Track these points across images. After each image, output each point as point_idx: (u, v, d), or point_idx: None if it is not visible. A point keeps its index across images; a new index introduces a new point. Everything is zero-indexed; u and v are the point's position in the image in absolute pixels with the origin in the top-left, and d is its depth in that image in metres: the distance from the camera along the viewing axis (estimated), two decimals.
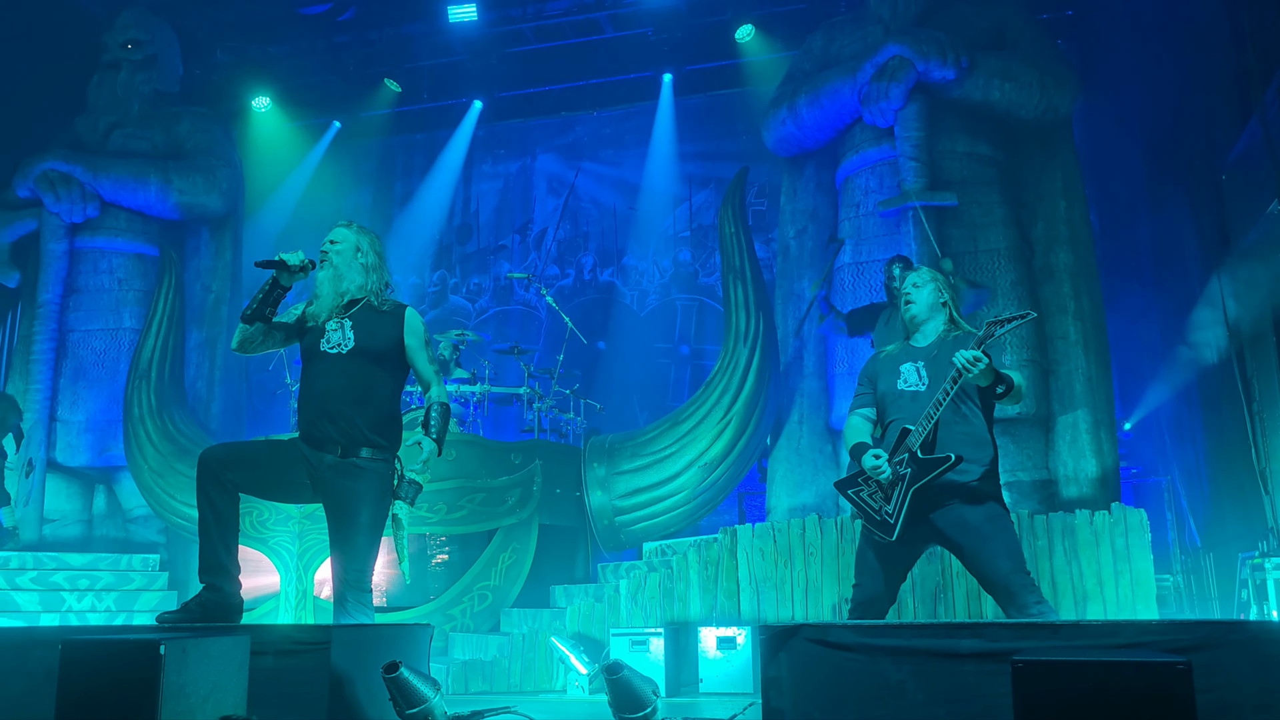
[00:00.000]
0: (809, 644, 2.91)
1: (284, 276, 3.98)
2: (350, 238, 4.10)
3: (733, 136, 10.98)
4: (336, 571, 3.92)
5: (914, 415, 3.79)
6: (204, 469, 3.89)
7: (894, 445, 3.79)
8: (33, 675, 3.39)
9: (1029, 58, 7.90)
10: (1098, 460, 7.29)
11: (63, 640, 2.87)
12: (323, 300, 4.03)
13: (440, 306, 12.06)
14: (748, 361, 7.80)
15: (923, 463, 3.69)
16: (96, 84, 10.14)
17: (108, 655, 2.78)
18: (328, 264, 4.04)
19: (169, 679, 2.71)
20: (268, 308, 4.00)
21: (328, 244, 4.10)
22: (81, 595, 8.22)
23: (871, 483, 3.83)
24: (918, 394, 3.83)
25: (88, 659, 2.80)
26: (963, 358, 3.61)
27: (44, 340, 9.24)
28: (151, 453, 8.44)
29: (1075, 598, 6.10)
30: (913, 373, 3.89)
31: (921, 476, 3.69)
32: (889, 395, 3.94)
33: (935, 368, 3.84)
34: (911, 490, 3.69)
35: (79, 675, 2.78)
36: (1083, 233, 7.94)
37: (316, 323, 4.03)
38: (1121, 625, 2.73)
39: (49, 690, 2.88)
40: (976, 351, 3.62)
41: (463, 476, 7.31)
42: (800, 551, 6.57)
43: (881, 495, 3.79)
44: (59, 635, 3.10)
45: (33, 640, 3.58)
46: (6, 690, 3.49)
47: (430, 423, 4.02)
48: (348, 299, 4.04)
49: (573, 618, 6.78)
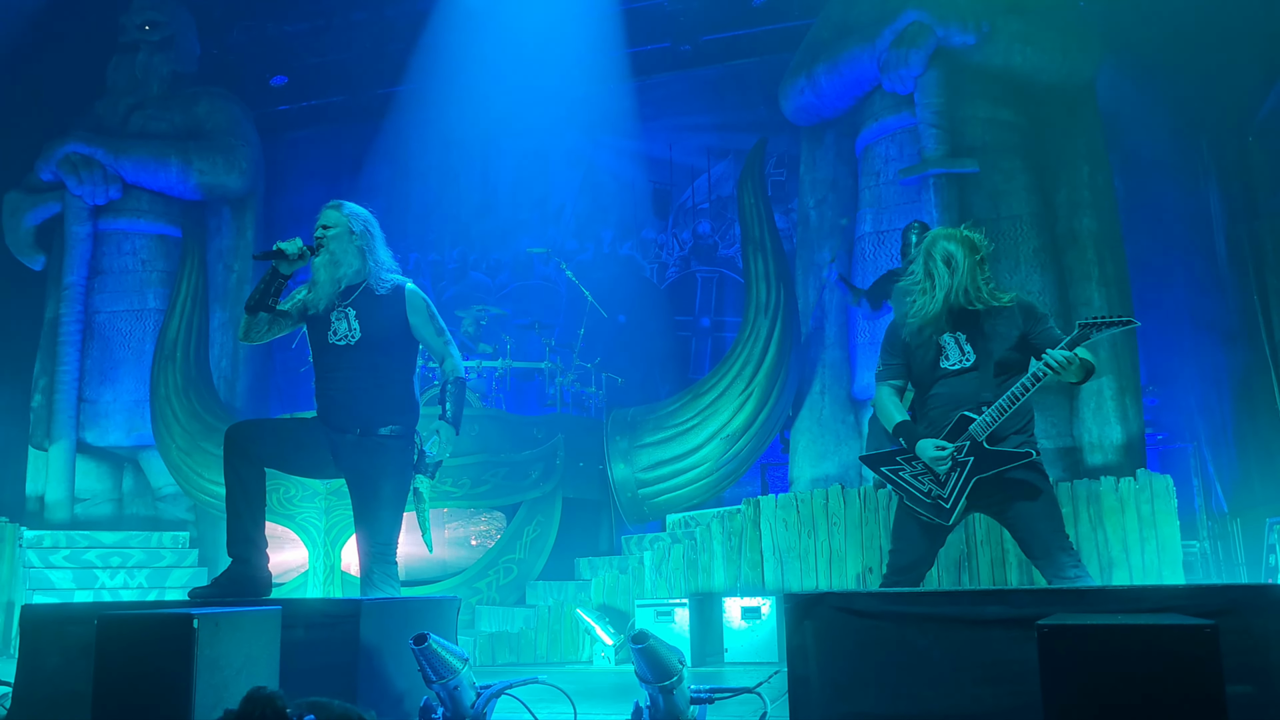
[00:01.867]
0: (834, 612, 2.93)
1: (283, 265, 3.99)
2: (342, 221, 4.09)
3: (751, 107, 10.89)
4: (362, 545, 3.98)
5: (962, 394, 3.68)
6: (230, 444, 3.94)
7: (950, 431, 3.66)
8: (69, 650, 3.46)
9: (1050, 21, 7.79)
10: (1123, 427, 7.25)
11: (99, 616, 2.92)
12: (321, 287, 4.05)
13: (460, 282, 12.08)
14: (769, 333, 7.79)
15: (991, 454, 3.60)
16: (115, 66, 10.17)
17: (142, 630, 2.83)
18: (323, 250, 4.03)
19: (202, 652, 2.76)
20: (270, 298, 4.03)
21: (320, 229, 4.08)
22: (114, 573, 8.34)
23: (916, 463, 3.71)
24: (964, 371, 3.71)
25: (123, 633, 2.86)
26: (1055, 360, 3.51)
27: (70, 322, 9.33)
28: (179, 431, 8.54)
29: (1101, 565, 6.08)
30: (954, 347, 3.75)
31: (988, 468, 3.60)
32: (928, 369, 3.80)
33: (978, 340, 3.73)
34: (974, 479, 3.61)
35: (115, 649, 2.83)
36: (1106, 198, 7.86)
37: (317, 310, 4.05)
38: (1147, 591, 2.73)
39: (85, 665, 2.93)
40: (1069, 353, 3.53)
41: (486, 451, 7.35)
42: (824, 521, 6.58)
43: (930, 478, 3.69)
44: (94, 611, 3.15)
45: (69, 616, 3.65)
46: (44, 665, 3.57)
47: (445, 402, 4.03)
48: (345, 284, 4.04)
49: (598, 590, 6.83)
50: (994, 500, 3.69)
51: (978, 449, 3.62)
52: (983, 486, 3.64)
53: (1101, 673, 2.08)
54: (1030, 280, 7.51)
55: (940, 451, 3.64)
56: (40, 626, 3.65)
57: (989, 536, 6.21)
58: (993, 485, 3.65)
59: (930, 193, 7.51)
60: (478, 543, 7.59)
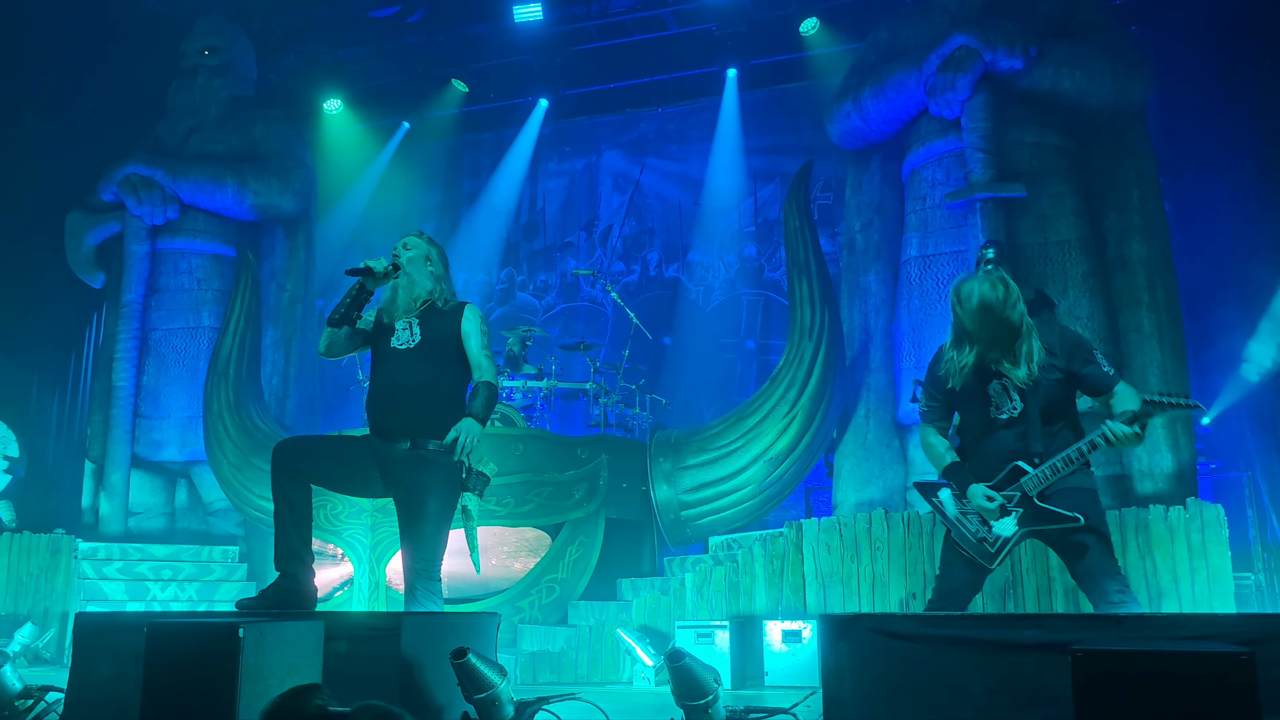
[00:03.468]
0: (869, 634, 2.92)
1: (369, 282, 4.17)
2: (422, 246, 4.28)
3: (797, 131, 10.93)
4: (406, 561, 4.03)
5: (1013, 448, 3.63)
6: (278, 460, 4.03)
7: (1001, 480, 3.63)
8: (120, 658, 3.54)
9: (1100, 45, 7.74)
10: (1174, 455, 7.13)
11: (148, 624, 3.00)
12: (396, 304, 4.20)
13: (508, 303, 12.21)
14: (813, 356, 7.77)
15: (1041, 513, 3.57)
16: (175, 90, 10.46)
17: (190, 638, 2.90)
18: (402, 270, 4.19)
19: (247, 661, 2.81)
20: (355, 311, 4.19)
21: (400, 249, 4.25)
22: (165, 585, 8.50)
23: (967, 502, 3.69)
24: (1013, 420, 3.65)
25: (171, 641, 2.92)
26: (1117, 432, 3.49)
27: (127, 339, 9.56)
28: (230, 447, 8.70)
29: (1149, 595, 5.98)
30: (1001, 395, 3.67)
31: (1037, 524, 3.58)
32: (976, 415, 3.73)
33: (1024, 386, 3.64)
34: (1024, 530, 3.59)
35: (163, 656, 2.90)
36: (1157, 223, 7.77)
37: (390, 320, 4.20)
38: (1188, 618, 2.70)
39: (135, 672, 3.00)
40: (1135, 428, 3.50)
41: (530, 470, 7.41)
42: (867, 546, 6.55)
43: (978, 519, 3.67)
44: (144, 620, 3.23)
45: (120, 625, 3.74)
46: (95, 672, 3.66)
47: (475, 397, 4.11)
48: (420, 303, 4.19)
49: (639, 610, 6.84)
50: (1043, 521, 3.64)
51: (1027, 502, 3.59)
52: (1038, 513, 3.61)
53: (1136, 699, 2.07)
54: (1079, 305, 7.44)
55: (990, 502, 3.61)
56: (92, 634, 3.74)
57: (1034, 564, 6.14)
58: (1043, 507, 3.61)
59: (977, 217, 7.47)
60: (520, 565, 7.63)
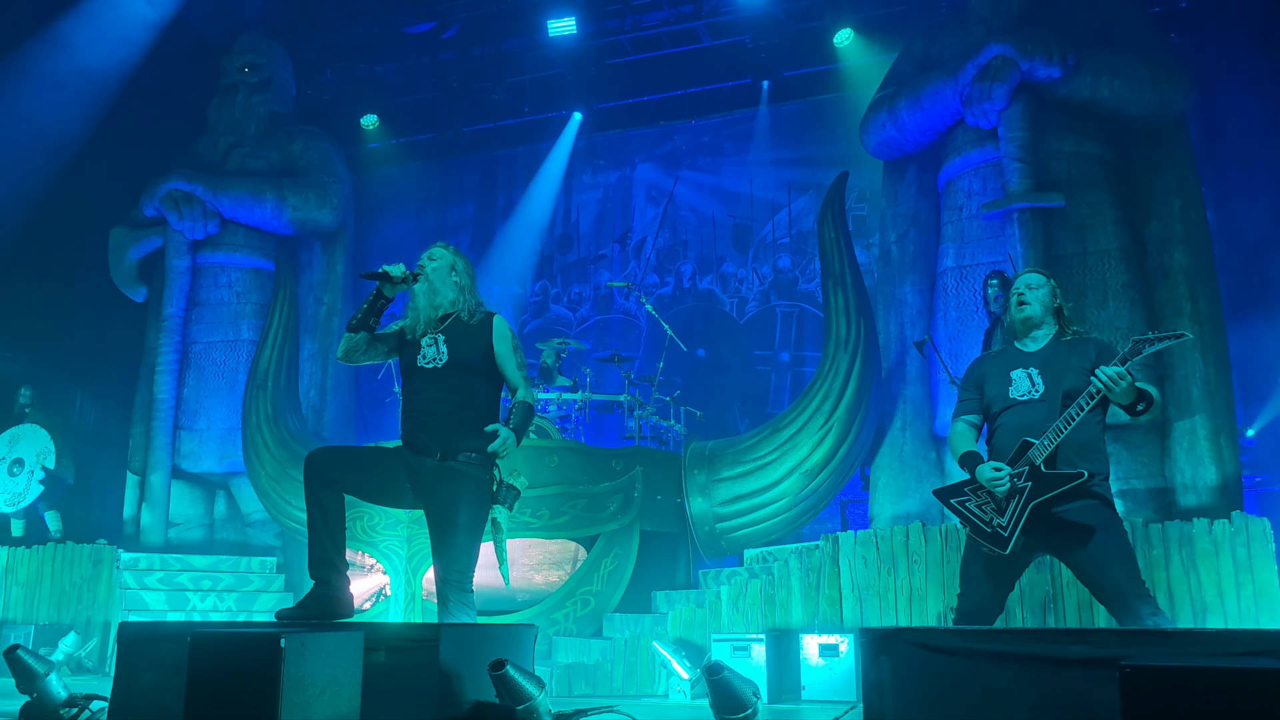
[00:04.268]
0: (910, 648, 2.90)
1: (387, 288, 4.16)
2: (447, 256, 4.29)
3: (832, 142, 10.90)
4: (438, 573, 4.05)
5: (1028, 423, 3.69)
6: (310, 469, 4.06)
7: (1013, 457, 3.69)
8: (162, 667, 3.58)
9: (1139, 53, 7.66)
10: (1218, 468, 7.02)
11: (191, 634, 3.03)
12: (419, 312, 4.21)
13: (542, 316, 12.25)
14: (849, 368, 7.74)
15: (1046, 478, 3.58)
16: (216, 106, 10.62)
17: (232, 647, 2.93)
18: (424, 278, 4.20)
19: (289, 671, 2.84)
20: (371, 318, 4.20)
21: (425, 259, 4.28)
22: (204, 595, 8.59)
23: (981, 493, 3.73)
24: (1032, 401, 3.74)
25: (214, 650, 2.96)
26: (1105, 375, 3.49)
27: (169, 352, 9.69)
28: (268, 459, 8.78)
29: (1194, 610, 5.87)
30: (1024, 379, 3.78)
31: (1044, 492, 3.58)
32: (999, 401, 3.83)
33: (1049, 373, 3.74)
34: (1031, 505, 3.59)
35: (206, 665, 2.93)
36: (1199, 232, 7.66)
37: (414, 335, 4.20)
38: (1237, 634, 2.65)
39: (177, 681, 3.04)
40: (1121, 369, 3.49)
41: (565, 482, 7.41)
42: (904, 559, 6.48)
43: (993, 507, 3.69)
44: (187, 630, 3.26)
45: (162, 635, 3.78)
46: (138, 681, 3.70)
47: (513, 415, 4.13)
48: (441, 312, 4.20)
49: (674, 623, 6.81)
50: (1061, 540, 3.63)
51: (1035, 474, 3.61)
52: (1048, 522, 3.61)
53: (1185, 716, 2.03)
54: (1119, 316, 7.35)
55: (997, 474, 3.66)
56: (135, 643, 3.79)
57: (1075, 578, 6.04)
58: (1059, 523, 3.60)
59: (1014, 227, 7.41)
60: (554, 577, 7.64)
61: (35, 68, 9.68)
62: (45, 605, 8.39)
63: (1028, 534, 3.63)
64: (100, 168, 10.15)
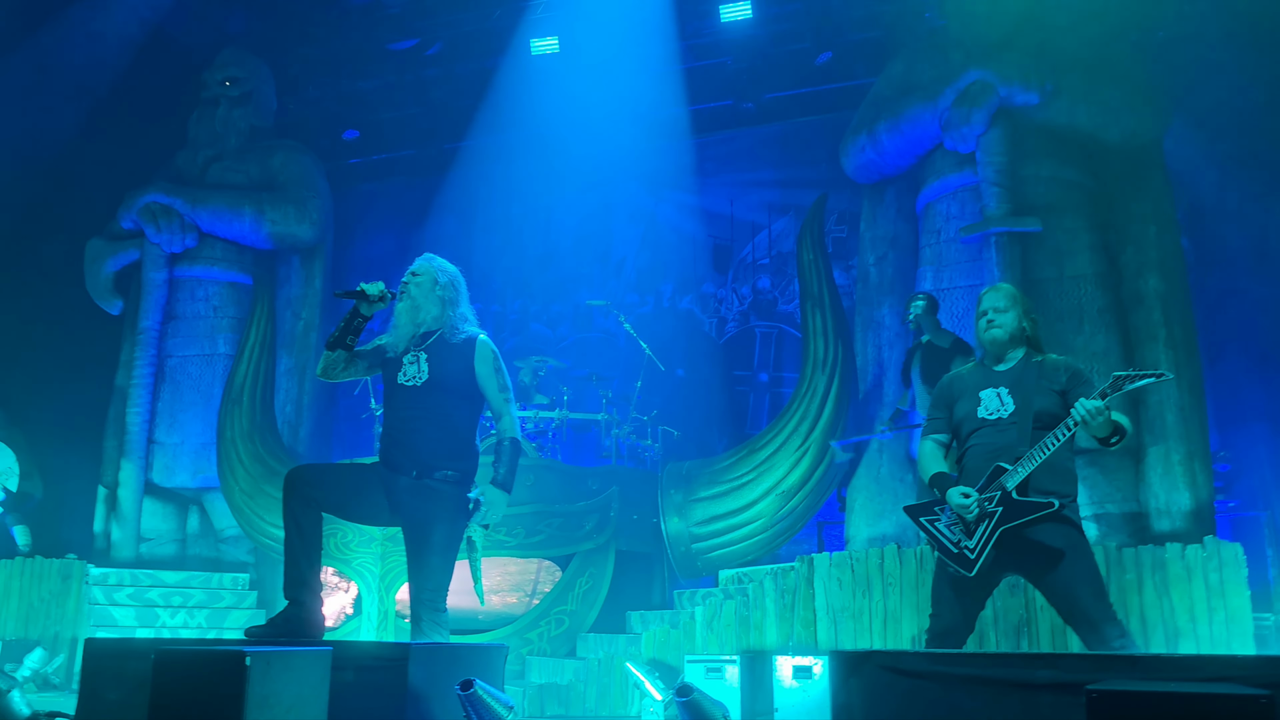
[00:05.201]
0: (881, 671, 2.89)
1: (364, 306, 4.13)
2: (430, 271, 4.24)
3: (812, 164, 10.95)
4: (412, 591, 4.02)
5: (1000, 446, 3.69)
6: (290, 487, 4.02)
7: (984, 481, 3.69)
8: (128, 685, 3.53)
9: (1117, 79, 7.75)
10: (1191, 493, 7.06)
11: (156, 650, 2.99)
12: (400, 330, 4.18)
13: (521, 333, 12.23)
14: (826, 388, 7.75)
15: (1018, 505, 3.59)
16: (196, 119, 10.58)
17: (197, 665, 2.90)
18: (406, 295, 4.17)
19: (254, 689, 2.80)
20: (349, 336, 4.15)
21: (409, 276, 4.25)
22: (175, 611, 8.49)
23: (950, 512, 3.74)
24: (1001, 421, 3.75)
25: (179, 668, 2.92)
26: (1085, 409, 3.50)
27: (144, 365, 9.61)
28: (243, 474, 8.71)
29: (1166, 634, 5.90)
30: (994, 399, 3.78)
31: (1014, 518, 3.59)
32: (968, 421, 3.84)
33: (1019, 394, 3.75)
34: (1000, 530, 3.60)
35: (170, 682, 2.90)
36: (1174, 258, 7.73)
37: (395, 353, 4.18)
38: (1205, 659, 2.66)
39: (143, 699, 3.00)
40: (1100, 404, 3.51)
41: (541, 501, 7.39)
42: (879, 581, 6.48)
43: (961, 528, 3.70)
44: (153, 646, 3.22)
45: (128, 651, 3.74)
46: (104, 698, 3.65)
47: (499, 463, 4.07)
48: (424, 330, 4.17)
49: (648, 644, 6.78)
50: (1029, 561, 3.64)
51: (1007, 499, 3.61)
52: (1016, 543, 3.61)
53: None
54: (1094, 340, 7.40)
55: (965, 499, 3.65)
56: (101, 660, 3.74)
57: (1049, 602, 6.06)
58: (1026, 543, 3.61)
59: (992, 251, 7.46)
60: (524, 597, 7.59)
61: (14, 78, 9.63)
62: (12, 620, 8.28)
63: (996, 555, 3.63)
64: (78, 179, 10.09)
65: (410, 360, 4.13)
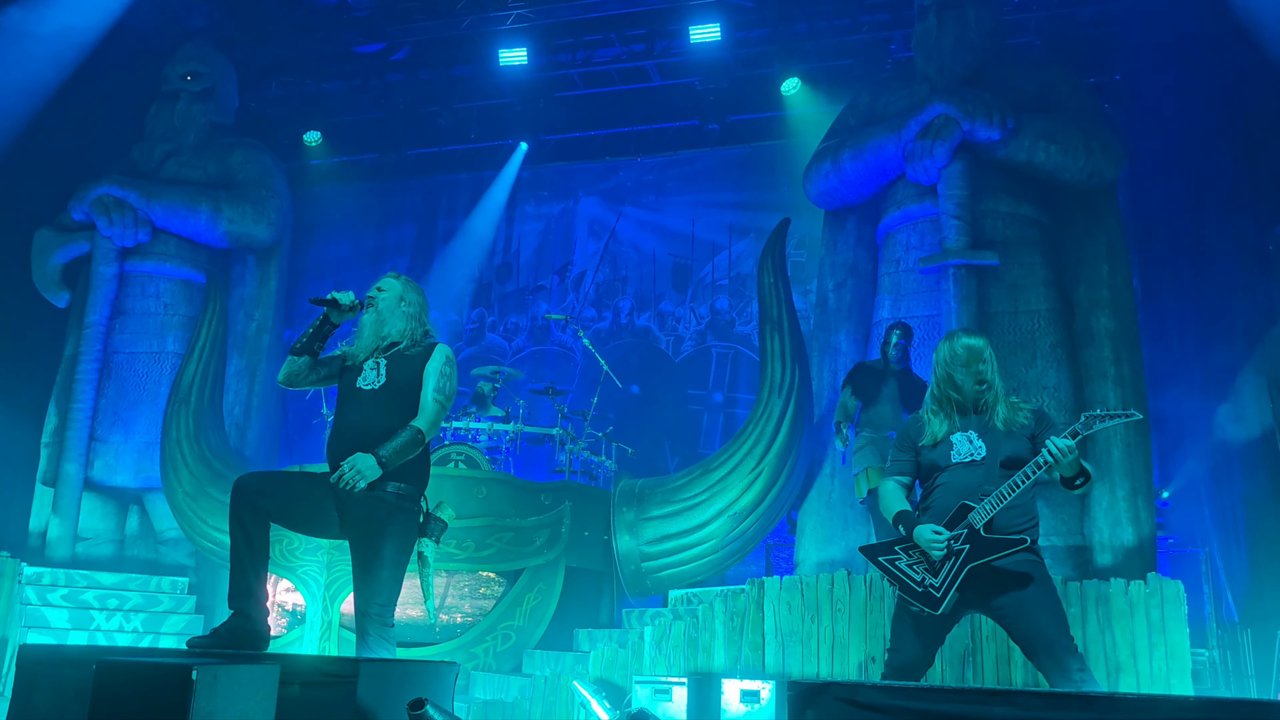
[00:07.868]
0: (837, 703, 2.88)
1: (334, 314, 4.16)
2: (397, 287, 4.27)
3: (775, 188, 11.04)
4: (358, 605, 3.97)
5: (968, 485, 3.73)
6: (238, 495, 3.96)
7: (950, 519, 3.71)
8: (63, 694, 3.43)
9: (1076, 121, 7.90)
10: (1134, 529, 7.19)
11: (97, 661, 2.90)
12: (364, 341, 4.20)
13: (477, 344, 12.15)
14: (781, 412, 7.78)
15: (985, 542, 3.62)
16: (155, 113, 10.37)
17: (140, 678, 2.81)
18: (372, 308, 4.17)
19: (199, 705, 2.73)
20: (316, 343, 4.17)
21: (375, 290, 4.28)
22: (110, 615, 8.27)
23: (913, 551, 3.76)
24: (973, 463, 3.78)
25: (120, 680, 2.83)
26: (1057, 447, 3.55)
27: (89, 360, 9.39)
28: (186, 476, 8.53)
29: (1108, 669, 5.97)
30: (965, 442, 3.82)
31: (981, 556, 3.62)
32: (938, 463, 3.85)
33: (990, 437, 3.80)
34: (967, 567, 3.63)
35: (111, 696, 2.81)
36: (1124, 297, 7.89)
37: (355, 362, 4.17)
38: (1159, 700, 2.68)
39: (78, 709, 2.91)
40: (1071, 443, 3.56)
41: (492, 515, 7.31)
42: (828, 607, 6.50)
43: (925, 567, 3.72)
44: (92, 655, 3.13)
45: (65, 659, 3.62)
46: (37, 706, 3.53)
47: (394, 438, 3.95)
48: (387, 343, 4.19)
49: (596, 662, 6.73)
50: (992, 595, 3.67)
51: (974, 537, 3.64)
52: (979, 578, 3.64)
53: None
54: (1046, 375, 7.52)
55: (936, 536, 3.68)
56: (35, 667, 3.62)
57: (995, 633, 6.11)
58: (990, 578, 3.64)
59: (949, 283, 7.56)
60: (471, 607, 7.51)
61: None
62: None
63: (961, 592, 3.66)
64: (27, 168, 9.83)
65: (371, 366, 4.15)
